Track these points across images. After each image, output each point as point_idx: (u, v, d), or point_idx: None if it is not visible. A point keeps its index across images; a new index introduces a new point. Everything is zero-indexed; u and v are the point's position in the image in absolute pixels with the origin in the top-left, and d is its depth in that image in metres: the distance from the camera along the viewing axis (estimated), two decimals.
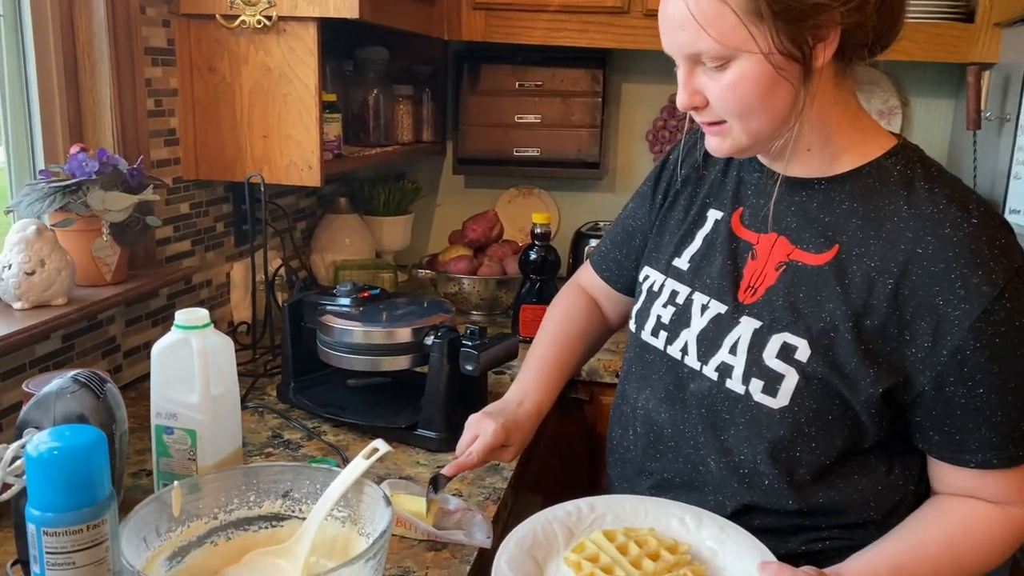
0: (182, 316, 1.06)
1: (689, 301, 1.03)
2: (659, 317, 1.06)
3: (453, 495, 1.13)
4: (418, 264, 2.10)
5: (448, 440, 1.28)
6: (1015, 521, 0.92)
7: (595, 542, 0.93)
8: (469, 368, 1.24)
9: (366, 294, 1.40)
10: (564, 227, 2.37)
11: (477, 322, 2.00)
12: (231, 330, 1.80)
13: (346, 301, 1.38)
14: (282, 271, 1.76)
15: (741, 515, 0.98)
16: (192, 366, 1.04)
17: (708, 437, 0.99)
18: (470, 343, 1.27)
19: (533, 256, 1.86)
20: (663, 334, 1.04)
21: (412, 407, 1.33)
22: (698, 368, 1.00)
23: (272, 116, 1.60)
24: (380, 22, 1.62)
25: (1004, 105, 1.71)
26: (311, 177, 1.61)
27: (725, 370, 0.97)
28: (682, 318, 1.03)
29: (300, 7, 1.53)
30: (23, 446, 0.82)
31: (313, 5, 1.52)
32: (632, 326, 1.11)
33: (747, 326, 0.97)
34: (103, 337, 1.45)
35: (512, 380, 1.60)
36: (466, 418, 1.17)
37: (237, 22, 1.54)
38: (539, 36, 2.02)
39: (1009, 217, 1.64)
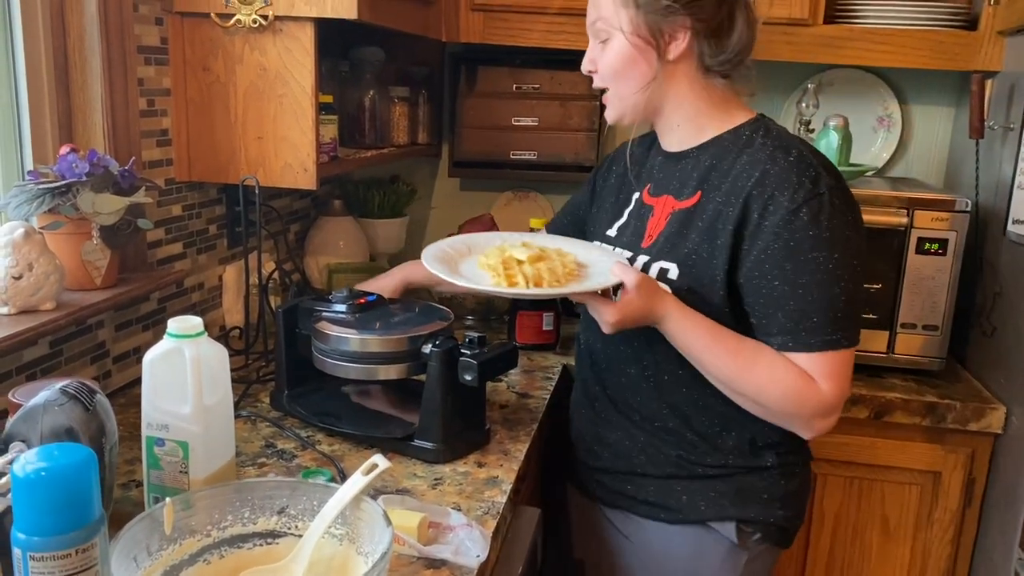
0: (175, 324, 1.03)
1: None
2: None
3: (454, 508, 1.10)
4: None
5: (446, 451, 1.25)
6: (810, 382, 1.15)
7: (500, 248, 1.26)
8: (468, 378, 1.22)
9: (362, 300, 1.37)
10: (548, 224, 2.33)
11: (472, 328, 1.98)
12: (223, 334, 1.76)
13: (342, 307, 1.35)
14: (275, 275, 1.72)
15: (655, 416, 1.30)
16: (185, 376, 1.01)
17: (624, 349, 1.30)
18: (469, 352, 1.25)
19: None
20: None
21: (409, 417, 1.30)
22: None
23: (267, 117, 1.57)
24: (378, 23, 1.60)
25: (1008, 114, 1.70)
26: (306, 180, 1.58)
27: None
28: None
29: (297, 7, 1.50)
30: (10, 462, 0.79)
31: (310, 5, 1.49)
32: None
33: (640, 261, 1.27)
34: (92, 342, 1.42)
35: (509, 388, 1.59)
36: (465, 429, 1.22)
37: (232, 21, 1.51)
38: (538, 38, 1.99)
39: (1012, 228, 1.62)
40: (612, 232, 1.39)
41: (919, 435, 1.70)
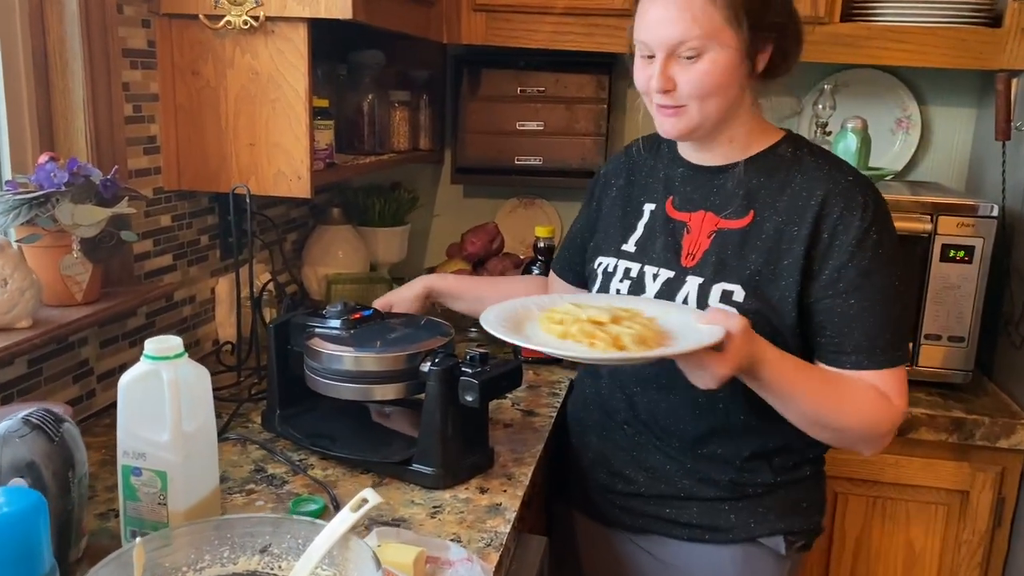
0: (152, 345, 0.95)
1: (642, 273, 1.26)
2: (618, 291, 1.27)
3: (453, 540, 1.03)
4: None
5: (446, 476, 1.18)
6: (886, 401, 1.14)
7: (564, 309, 1.14)
8: (469, 399, 1.14)
9: (357, 315, 1.29)
10: (554, 261, 2.26)
11: (476, 340, 1.90)
12: (216, 349, 1.69)
13: (336, 323, 1.27)
14: (270, 287, 1.65)
15: (703, 441, 1.24)
16: (162, 401, 0.93)
17: (673, 377, 1.16)
18: (470, 370, 1.17)
19: (536, 271, 1.76)
20: None
21: (408, 439, 1.23)
22: None
23: (259, 123, 1.50)
24: (375, 24, 1.53)
25: None
26: (300, 188, 1.51)
27: None
28: (638, 288, 1.25)
29: (289, 7, 1.43)
30: None
31: (303, 5, 1.42)
32: None
33: (692, 283, 1.20)
34: (74, 360, 1.35)
35: (514, 406, 1.51)
36: (466, 451, 1.17)
37: (222, 23, 1.44)
38: (543, 40, 1.92)
39: None
40: (630, 247, 1.30)
41: (945, 452, 1.62)
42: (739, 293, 1.17)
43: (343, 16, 1.41)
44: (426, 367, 1.19)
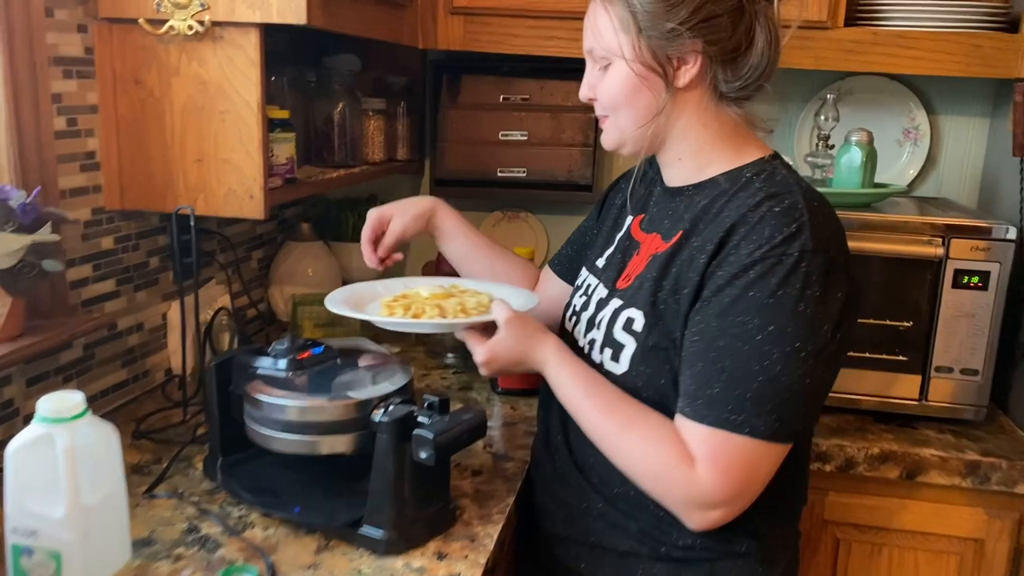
0: (46, 405, 0.83)
1: (593, 291, 1.19)
2: (574, 305, 1.22)
3: None
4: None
5: (399, 541, 1.05)
6: (685, 462, 0.97)
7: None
8: (423, 456, 1.01)
9: (305, 354, 1.16)
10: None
11: (452, 368, 1.77)
12: (166, 382, 1.56)
13: (280, 364, 1.14)
14: (223, 316, 1.52)
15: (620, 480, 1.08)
16: (56, 470, 0.81)
17: None
18: (427, 421, 1.04)
19: None
20: (573, 319, 1.21)
21: (359, 496, 1.10)
22: (581, 345, 1.16)
23: (208, 137, 1.37)
24: (335, 29, 1.39)
25: None
26: (252, 208, 1.38)
27: (592, 343, 1.14)
28: (586, 304, 1.19)
29: (238, 11, 1.30)
30: None
31: (253, 9, 1.29)
32: (564, 313, 1.27)
33: (612, 306, 1.12)
34: None
35: (485, 448, 1.38)
36: (423, 510, 1.07)
37: (165, 27, 1.31)
38: (525, 45, 1.79)
39: None
40: (601, 262, 1.23)
41: (958, 497, 1.49)
42: (639, 321, 1.06)
43: (297, 21, 1.28)
44: (378, 416, 1.06)
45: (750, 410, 0.94)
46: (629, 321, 1.08)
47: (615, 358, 1.08)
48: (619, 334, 1.09)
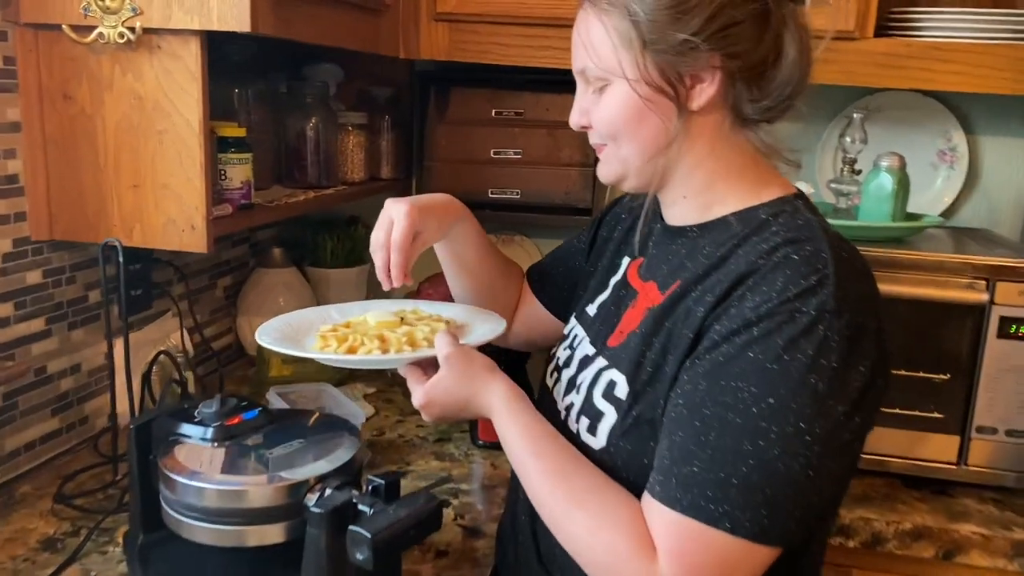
0: None
1: (580, 345, 1.03)
2: (557, 359, 1.06)
3: None
4: None
5: None
6: (643, 547, 0.78)
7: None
8: (359, 558, 0.83)
9: (236, 419, 0.99)
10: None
11: None
12: (100, 433, 1.40)
13: (206, 432, 0.97)
14: (164, 358, 1.35)
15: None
16: None
17: None
18: (367, 510, 0.87)
19: None
20: (554, 375, 1.05)
21: None
22: (558, 407, 0.99)
23: (144, 160, 1.21)
24: (290, 37, 1.23)
25: None
26: (193, 241, 1.21)
27: (569, 408, 0.97)
28: (569, 360, 1.03)
29: (175, 17, 1.13)
30: None
31: (191, 15, 1.12)
32: (546, 367, 1.11)
33: (595, 366, 0.95)
34: None
35: (456, 518, 1.20)
36: None
37: (93, 35, 1.15)
38: (515, 55, 1.61)
39: None
40: (592, 308, 1.06)
41: None
42: (623, 387, 0.89)
43: (239, 28, 1.12)
44: (311, 502, 0.89)
45: (734, 499, 0.75)
46: (611, 385, 0.91)
47: (592, 429, 0.91)
48: (599, 400, 0.92)
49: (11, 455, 1.26)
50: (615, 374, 0.91)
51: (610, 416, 0.89)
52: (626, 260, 1.05)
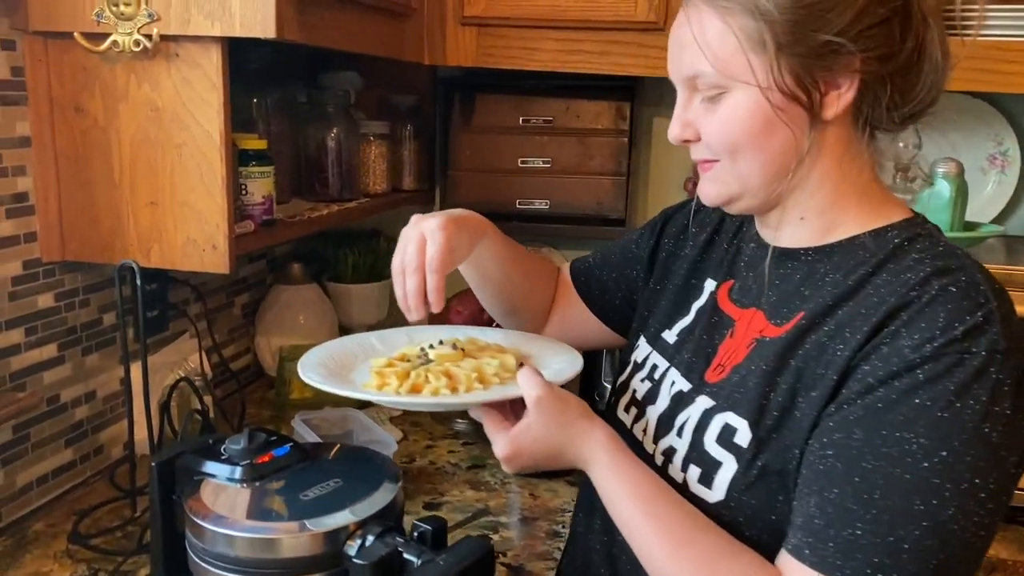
0: None
1: (664, 377, 0.93)
2: (635, 392, 0.96)
3: None
4: None
5: None
6: None
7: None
8: None
9: (266, 457, 0.91)
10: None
11: (462, 436, 1.51)
12: (117, 463, 1.32)
13: (234, 472, 0.89)
14: (184, 384, 1.28)
15: None
16: None
17: None
18: (415, 559, 0.79)
19: None
20: (633, 411, 0.95)
21: None
22: (650, 452, 0.89)
23: (162, 175, 1.13)
24: (315, 43, 1.15)
25: None
26: (215, 261, 1.14)
27: (669, 454, 0.86)
28: (653, 395, 0.93)
29: (195, 23, 1.06)
30: None
31: (212, 20, 1.05)
32: (612, 398, 1.01)
33: (700, 406, 0.85)
34: None
35: (498, 556, 1.11)
36: None
37: (107, 43, 1.08)
38: (547, 60, 1.54)
39: None
40: (671, 335, 0.96)
41: None
42: (744, 433, 0.79)
43: (264, 34, 1.04)
44: (352, 551, 0.81)
45: (905, 567, 0.67)
46: (728, 431, 0.81)
47: (706, 480, 0.81)
48: (712, 447, 0.82)
49: (23, 490, 1.18)
50: (732, 417, 0.81)
51: (729, 466, 0.80)
52: (711, 283, 0.95)
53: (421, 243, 0.91)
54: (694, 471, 0.82)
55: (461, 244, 0.96)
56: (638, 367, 0.98)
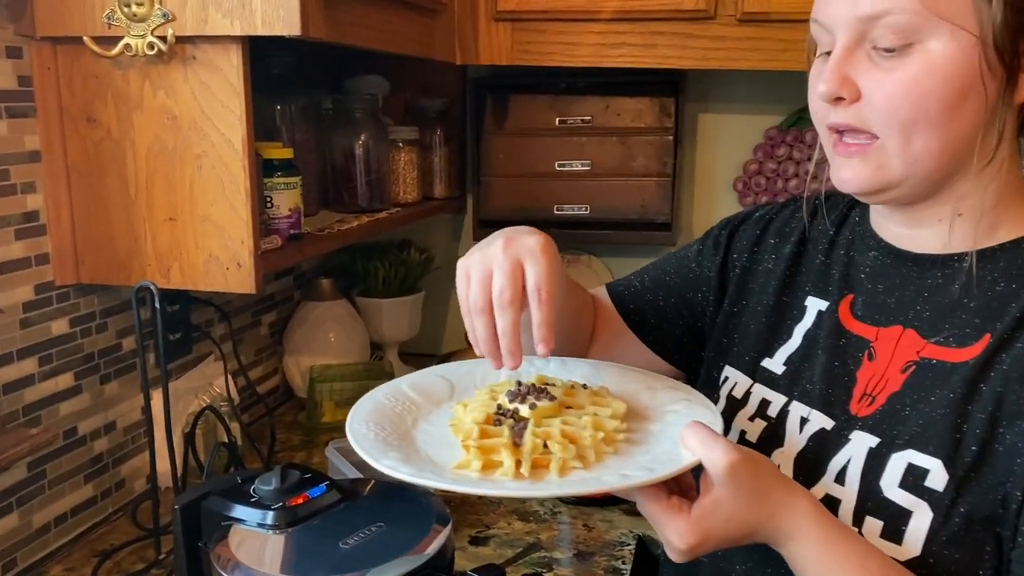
0: None
1: (784, 413, 0.80)
2: (743, 433, 0.82)
3: None
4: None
5: None
6: None
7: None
8: None
9: (300, 498, 0.82)
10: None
11: None
12: (139, 499, 1.23)
13: (266, 516, 0.80)
14: (209, 413, 1.19)
15: None
16: None
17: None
18: None
19: None
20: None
21: None
22: None
23: (181, 188, 1.05)
24: (342, 42, 1.06)
25: None
26: (240, 280, 1.05)
27: (830, 504, 0.72)
28: (775, 436, 0.80)
29: (212, 22, 0.97)
30: None
31: (231, 19, 0.96)
32: None
33: (860, 445, 0.73)
34: None
35: None
36: None
37: (119, 47, 0.99)
38: (588, 56, 1.44)
39: None
40: (776, 366, 0.84)
41: None
42: (938, 475, 0.67)
43: (288, 32, 0.96)
44: None
45: None
46: (915, 472, 0.69)
47: (893, 535, 0.69)
48: (895, 494, 0.70)
49: (39, 532, 1.10)
50: (917, 456, 0.69)
51: (922, 515, 0.68)
52: (815, 301, 0.84)
53: (516, 269, 0.72)
54: (873, 524, 0.70)
55: (560, 269, 0.77)
56: (738, 403, 0.85)
